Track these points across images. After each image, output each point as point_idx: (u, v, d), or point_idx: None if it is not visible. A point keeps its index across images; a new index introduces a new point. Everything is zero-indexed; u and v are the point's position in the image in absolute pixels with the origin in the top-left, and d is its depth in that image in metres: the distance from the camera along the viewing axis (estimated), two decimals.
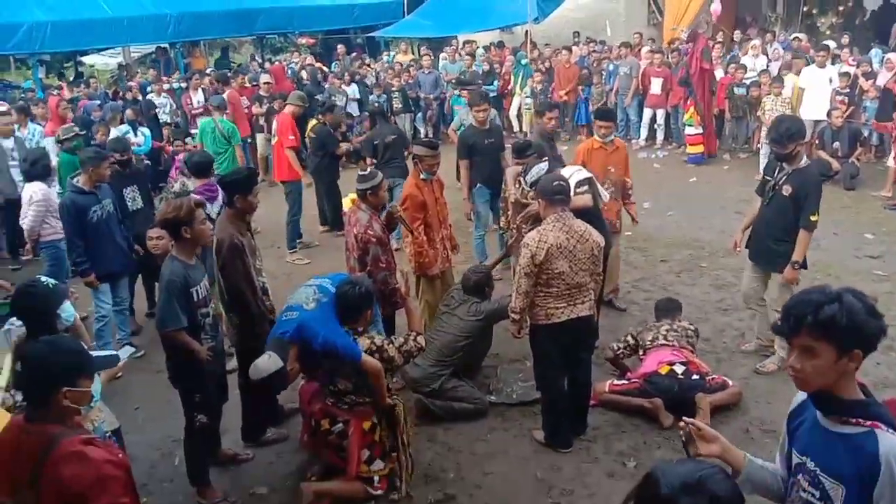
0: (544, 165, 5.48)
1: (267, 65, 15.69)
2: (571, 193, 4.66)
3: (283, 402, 5.22)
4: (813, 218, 4.96)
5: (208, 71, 14.21)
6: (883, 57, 11.31)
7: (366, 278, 4.33)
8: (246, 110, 11.65)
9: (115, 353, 3.24)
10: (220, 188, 5.70)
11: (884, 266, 7.20)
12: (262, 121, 11.77)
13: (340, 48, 17.15)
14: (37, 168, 6.57)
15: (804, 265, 5.15)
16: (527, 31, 15.06)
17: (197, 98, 12.19)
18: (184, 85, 13.31)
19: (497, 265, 6.16)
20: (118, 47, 18.19)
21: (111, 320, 6.19)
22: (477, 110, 7.25)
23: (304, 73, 14.46)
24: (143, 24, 14.90)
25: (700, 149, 11.42)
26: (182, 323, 3.95)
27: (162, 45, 17.09)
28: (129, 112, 10.71)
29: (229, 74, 13.15)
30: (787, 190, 5.02)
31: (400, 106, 13.13)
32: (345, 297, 3.98)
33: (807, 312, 1.93)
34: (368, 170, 5.42)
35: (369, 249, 4.94)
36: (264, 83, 12.30)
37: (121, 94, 13.52)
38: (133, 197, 6.62)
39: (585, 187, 5.27)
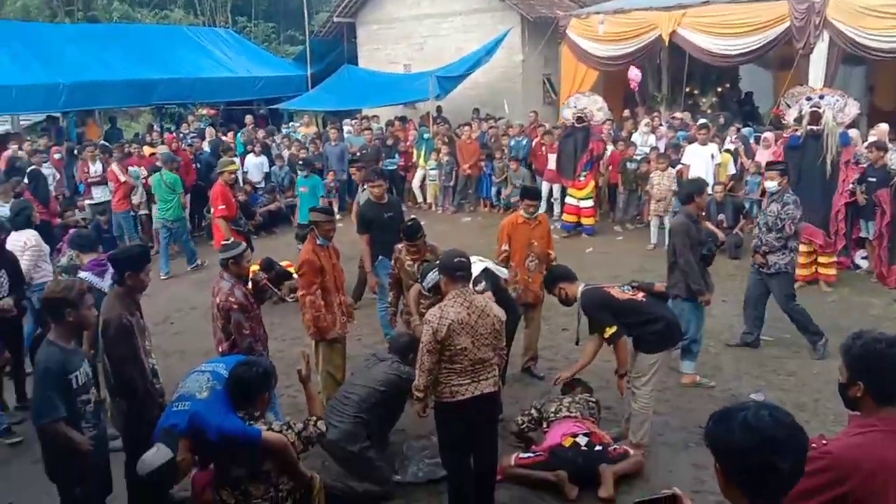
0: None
1: (166, 135, 15.37)
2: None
3: (173, 491, 4.90)
4: (607, 334, 5.10)
5: (101, 143, 13.70)
6: (755, 136, 12.28)
7: (263, 360, 4.17)
8: (144, 181, 11.46)
9: None
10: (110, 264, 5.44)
11: (769, 330, 7.57)
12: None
13: (248, 119, 17.06)
14: (21, 217, 6.95)
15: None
16: (438, 107, 15.56)
17: (95, 168, 11.73)
18: (57, 155, 12.76)
19: None
20: (6, 115, 17.37)
21: None
22: (372, 186, 7.36)
23: (205, 146, 14.17)
24: (34, 92, 14.35)
25: (593, 220, 11.97)
26: (60, 413, 3.68)
27: (53, 114, 16.50)
28: (19, 184, 10.15)
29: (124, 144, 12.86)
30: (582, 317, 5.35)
31: None
32: (239, 380, 3.76)
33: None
34: (231, 239, 5.38)
35: (231, 317, 4.93)
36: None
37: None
38: (0, 283, 6.07)
39: (482, 284, 5.37)
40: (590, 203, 11.86)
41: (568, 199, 12.08)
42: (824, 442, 2.65)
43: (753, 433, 1.87)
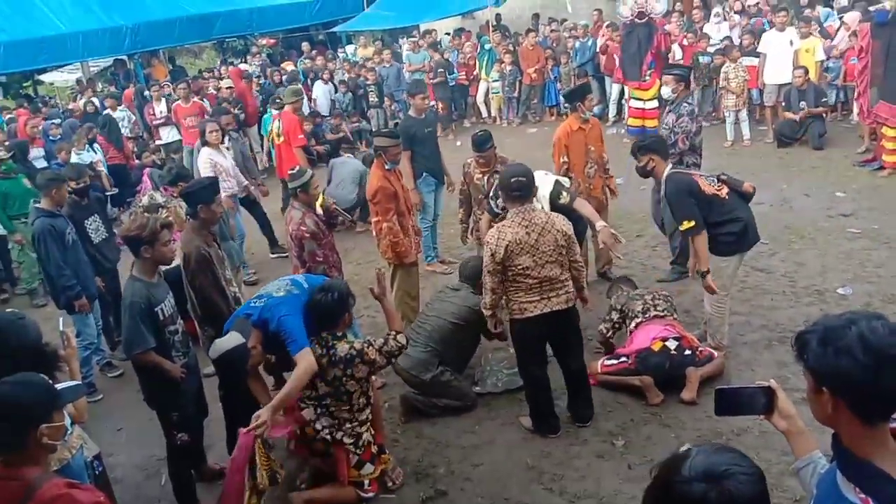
0: None
1: (229, 69, 15.48)
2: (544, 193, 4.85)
3: None
4: (683, 227, 4.81)
5: (167, 81, 13.93)
6: (839, 17, 11.40)
7: (339, 283, 4.26)
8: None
9: (77, 382, 3.17)
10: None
11: (857, 223, 7.24)
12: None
13: (305, 46, 16.91)
14: None
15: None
16: (497, 15, 14.98)
17: (160, 108, 11.97)
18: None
19: None
20: (76, 63, 17.82)
21: (97, 346, 6.14)
22: (422, 98, 7.31)
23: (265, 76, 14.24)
24: (100, 37, 14.58)
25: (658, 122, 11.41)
26: (150, 343, 3.89)
27: (120, 58, 16.81)
28: (91, 130, 10.50)
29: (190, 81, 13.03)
30: (664, 204, 5.11)
31: (376, 100, 12.88)
32: (318, 306, 3.90)
33: None
34: (297, 168, 5.38)
35: (304, 245, 4.99)
36: (226, 88, 12.14)
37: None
38: (96, 227, 6.29)
39: (565, 194, 5.18)
40: (655, 104, 11.28)
41: (633, 102, 11.25)
42: None
43: (875, 353, 1.54)
